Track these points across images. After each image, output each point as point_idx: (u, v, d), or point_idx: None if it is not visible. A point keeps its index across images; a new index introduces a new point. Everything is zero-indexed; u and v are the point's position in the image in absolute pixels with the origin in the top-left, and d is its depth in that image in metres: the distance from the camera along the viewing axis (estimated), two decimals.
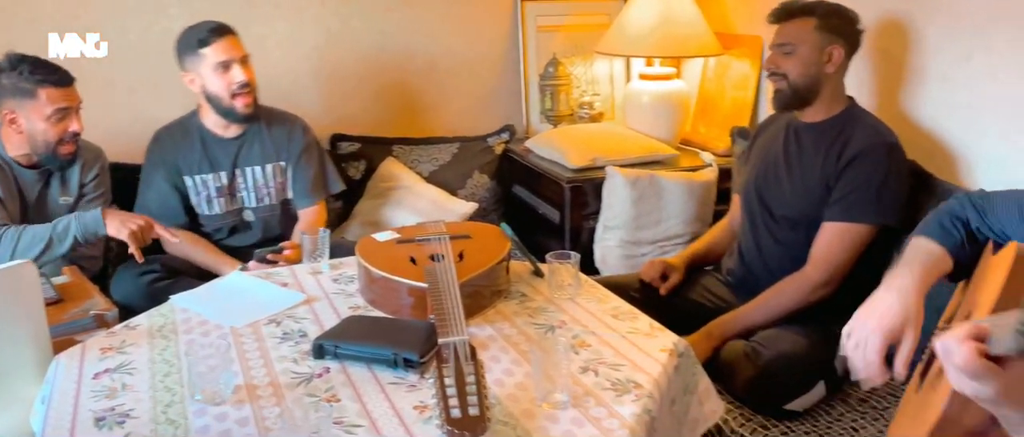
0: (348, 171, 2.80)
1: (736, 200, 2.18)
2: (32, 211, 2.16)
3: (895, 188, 1.80)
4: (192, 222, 2.37)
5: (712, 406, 1.52)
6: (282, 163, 2.39)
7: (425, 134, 3.00)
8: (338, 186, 2.52)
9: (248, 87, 2.25)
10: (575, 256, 1.71)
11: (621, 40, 2.83)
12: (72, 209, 2.18)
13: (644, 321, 1.58)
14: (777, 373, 1.69)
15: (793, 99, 1.91)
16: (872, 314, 1.17)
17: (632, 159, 2.64)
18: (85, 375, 1.37)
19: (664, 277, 2.08)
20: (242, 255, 2.27)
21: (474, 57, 3.10)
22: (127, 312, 2.05)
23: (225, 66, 2.21)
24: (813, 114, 1.93)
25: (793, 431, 1.66)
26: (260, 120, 2.36)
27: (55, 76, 2.04)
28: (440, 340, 1.31)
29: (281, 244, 2.18)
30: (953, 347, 0.86)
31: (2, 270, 1.46)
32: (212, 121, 2.32)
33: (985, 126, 2.03)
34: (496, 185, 2.93)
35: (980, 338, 0.86)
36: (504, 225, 1.84)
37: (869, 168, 1.79)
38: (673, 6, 2.77)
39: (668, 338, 1.50)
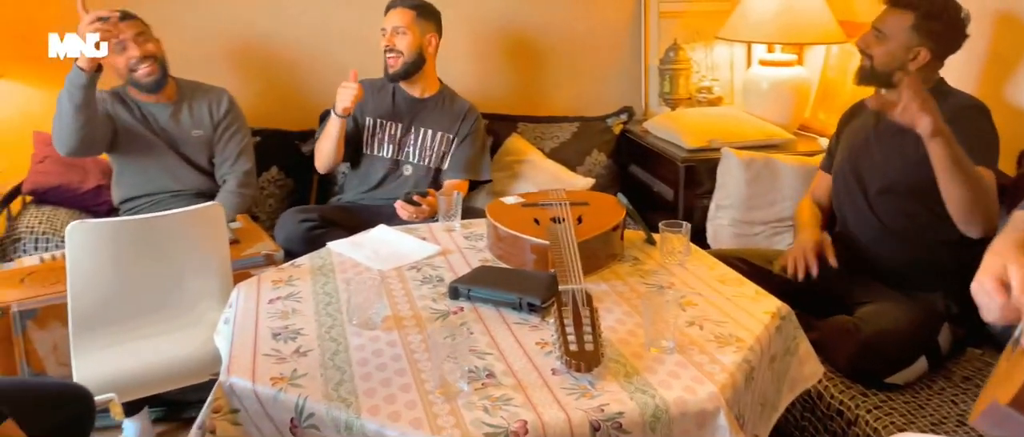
0: None
1: (821, 177, 2.22)
2: (167, 142, 2.45)
3: (996, 140, 1.84)
4: (355, 159, 2.70)
5: (812, 368, 1.62)
6: (450, 136, 2.69)
7: (548, 113, 3.18)
8: (486, 175, 2.76)
9: (393, 52, 2.59)
10: (686, 225, 1.83)
11: (743, 26, 2.89)
12: (209, 144, 2.50)
13: (750, 287, 1.69)
14: (879, 348, 1.76)
15: (872, 80, 1.98)
16: (981, 271, 1.21)
17: (748, 142, 2.72)
18: (262, 300, 1.63)
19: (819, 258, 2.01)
20: (384, 210, 2.53)
21: (597, 40, 3.24)
22: (288, 254, 2.36)
23: (383, 32, 2.60)
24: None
25: (892, 400, 1.72)
26: (444, 97, 2.69)
27: (114, 16, 2.26)
28: (560, 287, 1.49)
29: (427, 190, 2.49)
30: None
31: (195, 210, 1.75)
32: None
33: None
34: (613, 163, 3.07)
35: None
36: (620, 195, 1.99)
37: (973, 117, 1.83)
38: None
39: (771, 302, 1.61)
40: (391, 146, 2.68)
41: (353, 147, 2.67)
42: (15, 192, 2.44)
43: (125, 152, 2.41)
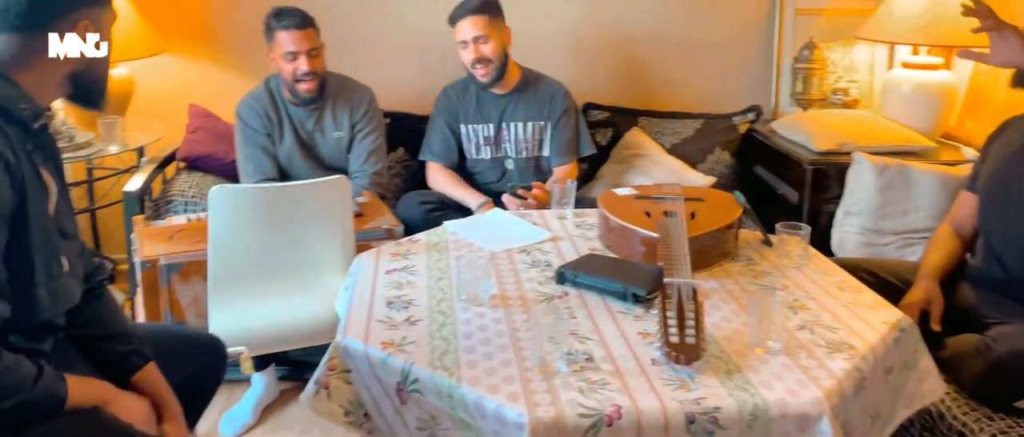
0: (596, 137, 3.02)
1: (964, 199, 2.05)
2: (308, 142, 2.55)
3: None
4: (461, 163, 2.75)
5: (932, 385, 1.54)
6: (542, 123, 2.68)
7: (670, 108, 3.14)
8: (589, 149, 2.77)
9: (483, 62, 2.58)
10: (806, 228, 1.78)
11: (888, 26, 2.74)
12: (347, 145, 2.57)
13: (869, 296, 1.62)
14: (1010, 370, 1.64)
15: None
16: None
17: (883, 147, 2.58)
18: (379, 270, 1.72)
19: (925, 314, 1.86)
20: (497, 197, 2.59)
21: (725, 36, 3.17)
22: (407, 230, 2.46)
23: (464, 44, 2.57)
24: None
25: (1020, 426, 1.61)
26: (527, 83, 2.67)
27: (288, 21, 2.36)
28: (666, 279, 1.48)
29: (532, 184, 2.48)
30: None
31: (324, 182, 1.86)
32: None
33: None
34: (736, 163, 2.99)
35: None
36: (737, 193, 1.94)
37: None
38: None
39: (891, 313, 1.54)
40: (488, 147, 2.72)
41: (457, 155, 2.73)
42: (170, 158, 2.68)
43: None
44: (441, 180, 2.69)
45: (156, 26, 2.83)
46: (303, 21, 2.39)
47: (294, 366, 2.39)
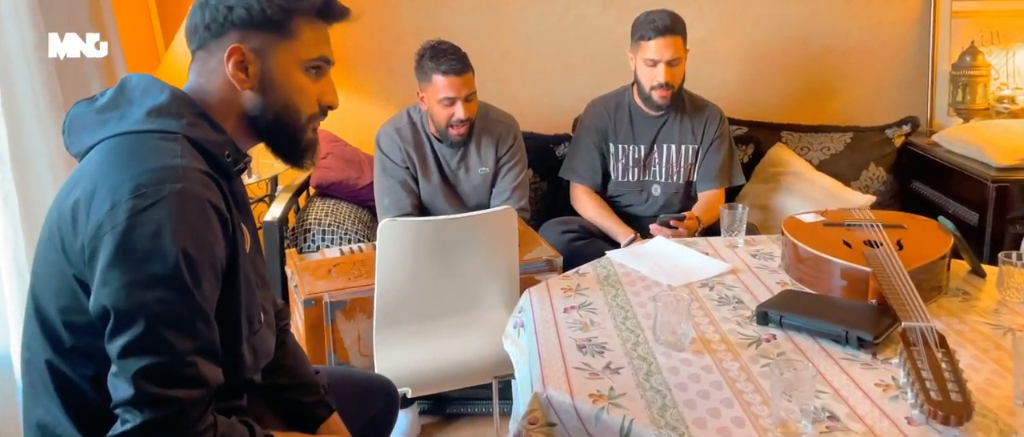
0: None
1: None
2: (452, 180, 2.41)
3: None
4: (603, 184, 2.59)
5: None
6: (694, 146, 2.52)
7: (815, 121, 2.94)
8: (741, 179, 2.59)
9: (668, 87, 2.39)
10: None
11: None
12: (491, 180, 2.42)
13: None
14: None
15: None
16: None
17: None
18: (557, 308, 1.59)
19: None
20: (638, 223, 2.44)
21: (874, 42, 2.95)
22: None
23: (653, 63, 2.38)
24: None
25: None
26: (682, 103, 2.51)
27: (446, 65, 2.19)
28: (905, 324, 1.30)
29: (684, 213, 2.31)
30: None
31: (490, 214, 1.75)
32: (640, 100, 2.51)
33: None
34: (893, 179, 2.77)
35: None
36: (943, 218, 1.75)
37: None
38: None
39: None
40: (636, 169, 2.55)
41: (602, 177, 2.57)
42: (303, 187, 2.62)
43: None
44: (587, 206, 2.53)
45: None
46: (463, 66, 2.23)
47: (436, 401, 2.29)
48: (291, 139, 1.17)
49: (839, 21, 2.93)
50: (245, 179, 2.57)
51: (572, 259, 2.04)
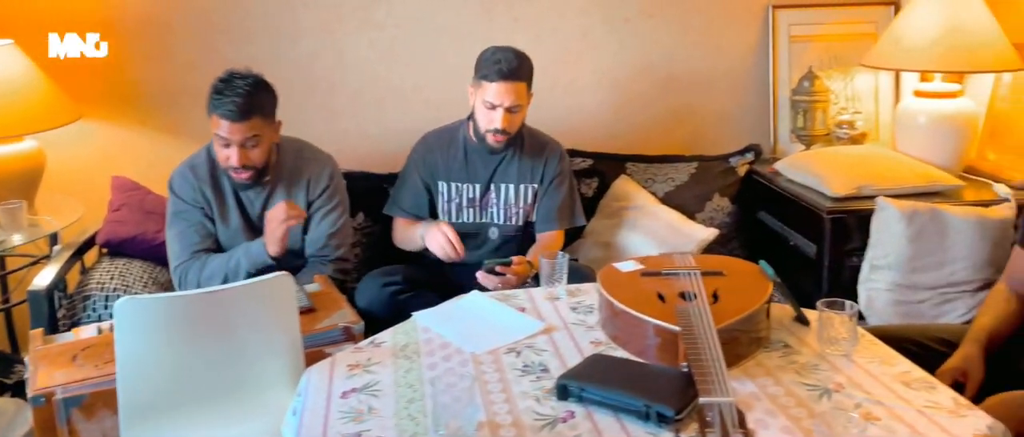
0: (580, 188, 2.71)
1: (1019, 256, 1.75)
2: (257, 225, 2.14)
3: None
4: None
5: None
6: (535, 186, 2.36)
7: (661, 151, 2.84)
8: (581, 220, 2.44)
9: (504, 133, 2.23)
10: (852, 306, 1.46)
11: (895, 52, 2.48)
12: (305, 225, 2.16)
13: (945, 394, 1.31)
14: None
15: None
16: None
17: (907, 189, 2.30)
18: (334, 393, 1.37)
19: (958, 384, 1.59)
20: (473, 269, 2.25)
21: (716, 70, 2.89)
22: (369, 319, 2.10)
23: (492, 107, 2.21)
24: None
25: None
26: (521, 140, 2.35)
27: (223, 108, 1.95)
28: (702, 399, 1.15)
29: (511, 258, 2.13)
30: None
31: (262, 281, 1.51)
32: (475, 138, 2.34)
33: None
34: (738, 210, 2.69)
35: None
36: (763, 263, 1.64)
37: None
38: (961, 13, 2.39)
39: (979, 420, 1.23)
40: (471, 210, 2.36)
41: (429, 216, 2.37)
42: (90, 242, 2.29)
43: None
44: (398, 232, 2.38)
45: (67, 89, 2.44)
46: (242, 111, 1.94)
47: None
48: None
49: (680, 48, 2.85)
50: (16, 240, 2.23)
51: (396, 316, 1.82)
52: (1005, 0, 2.47)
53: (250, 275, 2.00)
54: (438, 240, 2.18)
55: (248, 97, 1.95)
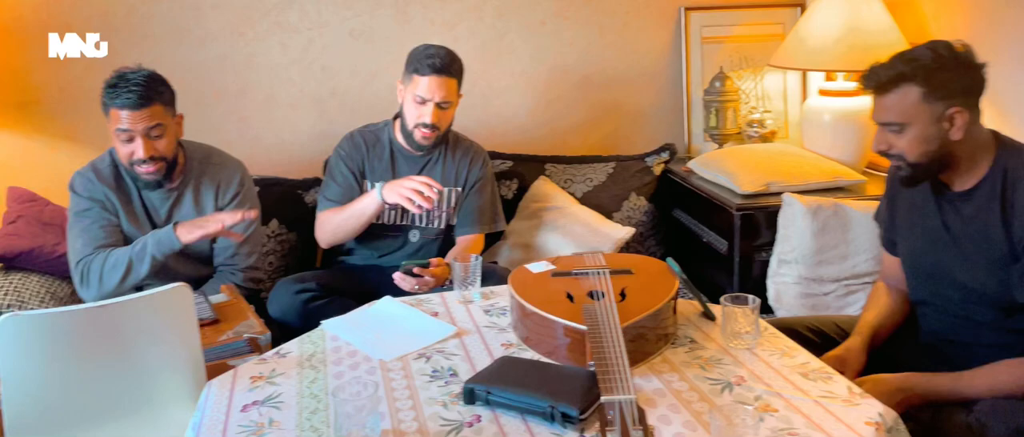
0: (500, 189, 2.71)
1: (889, 258, 1.81)
2: None
3: None
4: None
5: None
6: (458, 189, 2.35)
7: (579, 152, 2.86)
8: (501, 225, 2.44)
9: (433, 129, 2.22)
10: (755, 300, 1.50)
11: (800, 52, 2.56)
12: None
13: (841, 384, 1.36)
14: None
15: (924, 177, 1.60)
16: None
17: (812, 185, 2.38)
18: (234, 407, 1.33)
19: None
20: (390, 272, 2.21)
21: (632, 71, 2.93)
22: (281, 327, 2.04)
23: (422, 101, 2.19)
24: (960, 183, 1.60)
25: None
26: (447, 143, 2.33)
27: (122, 99, 1.89)
28: (603, 398, 1.16)
29: (429, 260, 2.11)
30: None
31: (159, 293, 1.45)
32: (401, 137, 2.32)
33: None
34: (654, 208, 2.73)
35: None
36: (671, 260, 1.66)
37: None
38: (862, 14, 2.48)
39: (872, 407, 1.28)
40: (392, 211, 2.31)
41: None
42: None
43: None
44: (329, 221, 2.28)
45: None
46: (141, 97, 1.89)
47: None
48: None
49: (596, 50, 2.88)
50: None
51: (310, 325, 1.77)
52: (903, 1, 2.57)
53: (156, 261, 1.94)
54: (406, 187, 2.09)
55: (145, 86, 1.91)
